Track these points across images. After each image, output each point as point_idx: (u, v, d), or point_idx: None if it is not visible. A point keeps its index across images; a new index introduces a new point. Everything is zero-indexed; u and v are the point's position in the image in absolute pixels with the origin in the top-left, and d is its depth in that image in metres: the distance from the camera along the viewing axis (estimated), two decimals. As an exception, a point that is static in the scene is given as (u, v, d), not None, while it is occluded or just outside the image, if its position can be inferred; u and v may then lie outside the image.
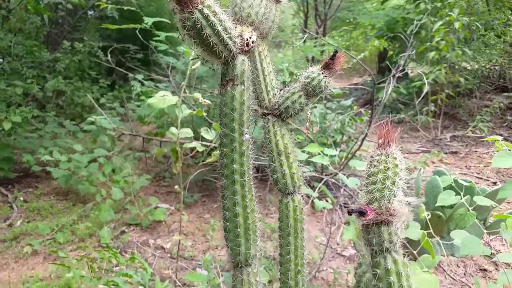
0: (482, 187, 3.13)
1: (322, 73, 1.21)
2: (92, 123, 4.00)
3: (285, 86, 1.28)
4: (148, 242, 3.50)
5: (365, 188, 0.92)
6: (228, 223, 1.14)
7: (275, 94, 1.27)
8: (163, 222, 3.82)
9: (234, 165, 1.09)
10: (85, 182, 3.99)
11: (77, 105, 6.18)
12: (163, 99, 2.46)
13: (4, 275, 3.08)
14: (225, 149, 1.08)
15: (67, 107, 6.25)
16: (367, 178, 0.92)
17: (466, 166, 5.24)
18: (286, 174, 1.25)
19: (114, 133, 4.03)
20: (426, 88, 4.66)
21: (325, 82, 1.21)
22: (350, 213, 0.89)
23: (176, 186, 2.73)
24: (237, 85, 1.04)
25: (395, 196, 0.90)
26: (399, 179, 0.90)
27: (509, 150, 2.15)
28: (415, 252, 2.41)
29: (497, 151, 2.22)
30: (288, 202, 1.26)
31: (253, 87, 1.24)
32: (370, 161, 0.92)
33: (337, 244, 3.44)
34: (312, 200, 4.23)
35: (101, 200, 3.87)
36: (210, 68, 1.22)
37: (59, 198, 4.33)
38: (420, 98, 5.22)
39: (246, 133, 1.08)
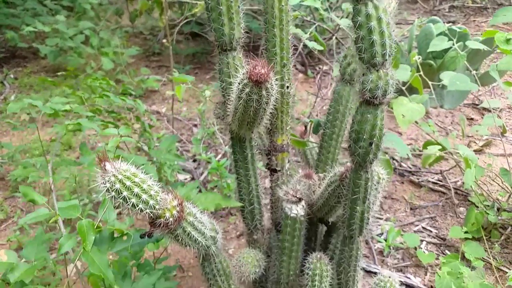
0: (476, 37, 3.08)
1: None
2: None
3: None
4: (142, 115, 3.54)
5: None
6: (209, 0, 1.12)
7: None
8: (157, 92, 3.84)
9: None
10: (74, 55, 3.91)
11: (56, -15, 5.79)
12: None
13: (6, 140, 3.17)
14: None
15: (46, -12, 5.87)
16: None
17: (462, 33, 5.11)
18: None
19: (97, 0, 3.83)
20: None
21: None
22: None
23: (164, 40, 2.67)
24: None
25: None
26: None
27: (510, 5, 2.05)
28: (403, 88, 2.45)
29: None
30: (272, -8, 1.22)
31: None
32: None
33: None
34: (305, 68, 4.20)
35: (92, 72, 3.84)
36: None
37: (50, 75, 4.28)
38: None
39: None
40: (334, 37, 3.61)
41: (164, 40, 2.66)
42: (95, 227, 0.94)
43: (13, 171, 2.55)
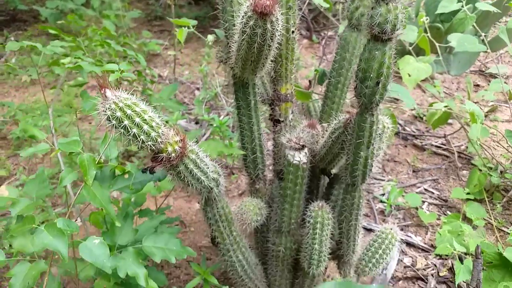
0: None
1: None
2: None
3: None
4: (145, 71, 3.50)
5: None
6: None
7: None
8: (159, 55, 3.79)
9: None
10: (75, 16, 3.84)
11: None
12: None
13: (7, 101, 3.15)
14: None
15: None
16: None
17: None
18: None
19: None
20: None
21: None
22: None
23: (169, 0, 2.61)
24: None
25: None
26: None
27: None
28: (410, 48, 2.40)
29: None
30: None
31: None
32: None
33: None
34: (310, 33, 4.13)
35: (93, 34, 3.78)
36: None
37: (50, 38, 4.22)
38: None
39: None
40: None
41: (169, 0, 2.59)
42: (97, 162, 0.93)
43: (15, 129, 2.55)
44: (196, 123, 2.76)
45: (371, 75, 0.97)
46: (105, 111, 0.80)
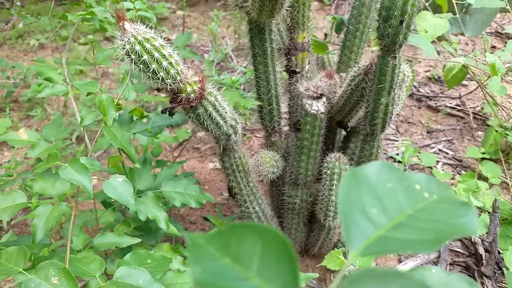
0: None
1: None
2: None
3: None
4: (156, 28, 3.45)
5: None
6: None
7: None
8: (167, 19, 3.73)
9: None
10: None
11: None
12: None
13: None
14: None
15: None
16: None
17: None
18: None
19: None
20: None
21: None
22: None
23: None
24: None
25: None
26: None
27: None
28: (427, 4, 2.32)
29: None
30: None
31: None
32: None
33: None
34: (321, -4, 4.01)
35: (100, -2, 3.71)
36: None
37: (57, 3, 4.16)
38: None
39: None
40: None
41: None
42: (115, 104, 0.92)
43: (26, 91, 2.54)
44: (207, 85, 2.73)
45: (395, 13, 0.94)
46: (124, 45, 0.78)
